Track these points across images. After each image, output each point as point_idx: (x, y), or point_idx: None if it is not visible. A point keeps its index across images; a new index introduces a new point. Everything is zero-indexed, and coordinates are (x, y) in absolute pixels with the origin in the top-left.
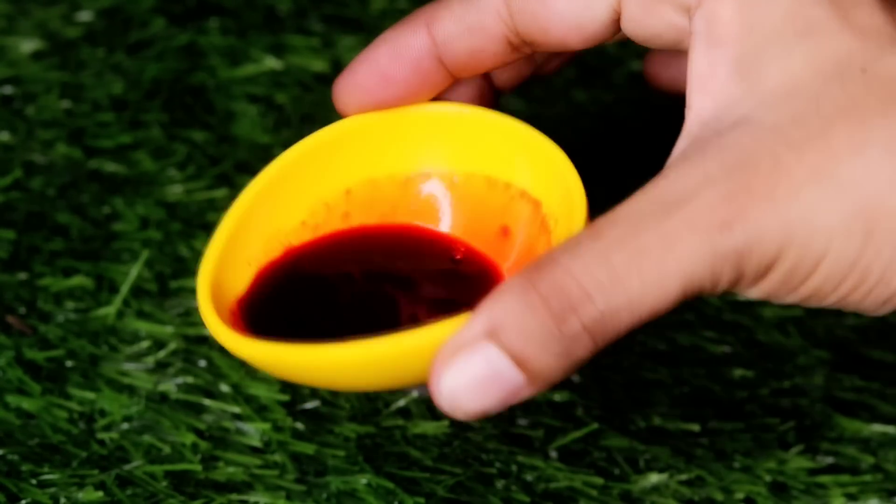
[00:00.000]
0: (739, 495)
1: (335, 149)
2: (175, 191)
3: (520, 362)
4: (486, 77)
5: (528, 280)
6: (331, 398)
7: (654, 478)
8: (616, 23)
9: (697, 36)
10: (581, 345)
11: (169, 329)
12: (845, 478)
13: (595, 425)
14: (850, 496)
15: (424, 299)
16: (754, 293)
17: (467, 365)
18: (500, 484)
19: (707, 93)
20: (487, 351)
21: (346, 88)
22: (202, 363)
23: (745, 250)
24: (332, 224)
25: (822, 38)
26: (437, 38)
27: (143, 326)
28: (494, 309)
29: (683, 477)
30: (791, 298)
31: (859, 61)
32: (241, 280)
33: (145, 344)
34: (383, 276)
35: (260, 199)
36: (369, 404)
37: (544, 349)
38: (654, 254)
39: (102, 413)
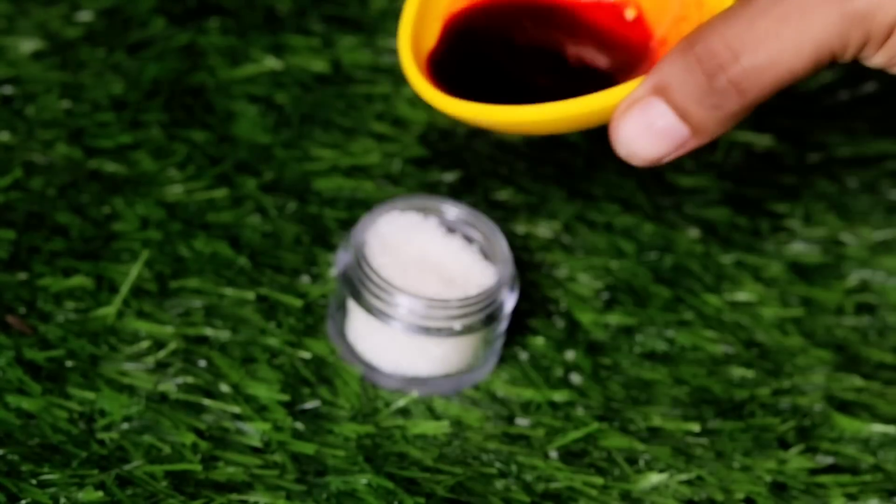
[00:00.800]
0: (739, 495)
1: None
2: (175, 191)
3: (682, 114)
4: None
5: (688, 43)
6: (331, 398)
7: (653, 478)
8: None
9: None
10: (730, 98)
11: (169, 329)
12: (845, 478)
13: (595, 425)
14: (850, 496)
15: (591, 41)
16: (879, 58)
17: (640, 116)
18: (499, 484)
19: None
20: (655, 104)
21: None
22: (202, 363)
23: (868, 13)
24: None
25: None
26: None
27: (143, 326)
28: (662, 70)
29: (683, 477)
30: None
31: None
32: (432, 34)
33: (145, 344)
34: (551, 23)
35: None
36: (369, 404)
37: (700, 102)
38: (792, 20)
39: (102, 413)
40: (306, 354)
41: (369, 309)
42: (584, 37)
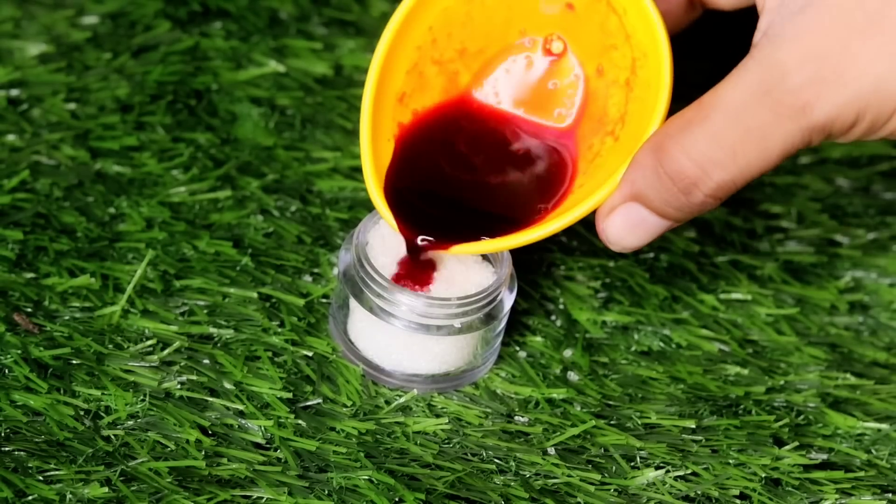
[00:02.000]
0: (734, 491)
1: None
2: (179, 192)
3: (661, 215)
4: None
5: (654, 159)
6: (332, 396)
7: (650, 474)
8: None
9: None
10: (707, 205)
11: (173, 328)
12: (839, 474)
13: (592, 422)
14: (844, 492)
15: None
16: (844, 141)
17: (623, 219)
18: (498, 480)
19: None
20: (636, 208)
21: None
22: (206, 361)
23: (828, 122)
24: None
25: None
26: None
27: (147, 325)
28: (635, 181)
29: (679, 473)
30: (877, 137)
31: None
32: (385, 156)
33: (150, 342)
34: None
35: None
36: (370, 401)
37: (678, 210)
38: (754, 138)
39: (108, 410)
40: (308, 352)
41: (370, 307)
42: (519, 101)
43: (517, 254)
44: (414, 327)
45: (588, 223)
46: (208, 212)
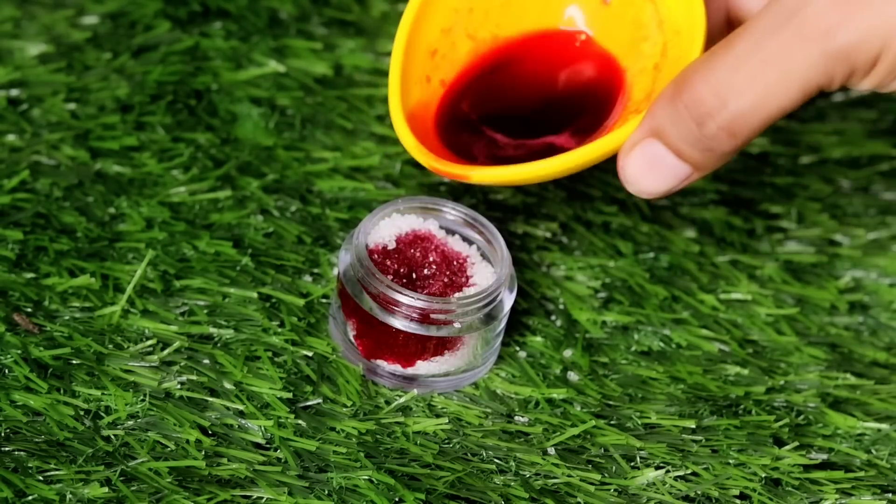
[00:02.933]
0: (734, 491)
1: None
2: (179, 192)
3: (678, 155)
4: None
5: (675, 89)
6: (332, 396)
7: (650, 474)
8: None
9: None
10: (722, 142)
11: (173, 328)
12: (839, 474)
13: (592, 423)
14: (844, 492)
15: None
16: (866, 84)
17: (642, 157)
18: (498, 480)
19: None
20: (654, 145)
21: None
22: (206, 361)
23: (851, 50)
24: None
25: None
26: None
27: (147, 325)
28: (654, 114)
29: (679, 473)
30: (890, 89)
31: None
32: (413, 96)
33: (150, 342)
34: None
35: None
36: (370, 402)
37: (693, 146)
38: (776, 63)
39: (108, 410)
40: (308, 352)
41: (370, 308)
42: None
43: (517, 254)
44: (414, 328)
45: (588, 223)
46: (208, 212)
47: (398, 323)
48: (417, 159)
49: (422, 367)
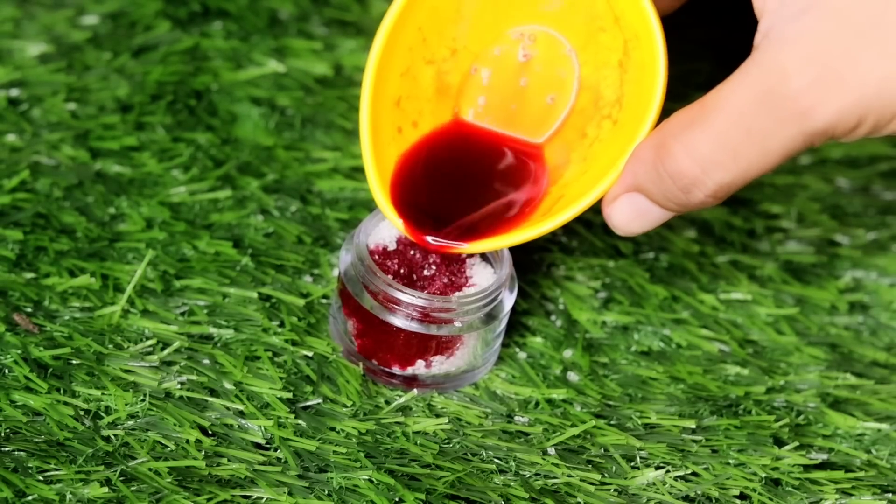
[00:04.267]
0: (734, 491)
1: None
2: (179, 192)
3: (663, 207)
4: None
5: (656, 155)
6: (332, 396)
7: (650, 474)
8: None
9: None
10: (707, 204)
11: (173, 328)
12: (839, 474)
13: (592, 422)
14: (844, 492)
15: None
16: (846, 141)
17: (627, 207)
18: (499, 480)
19: None
20: (638, 198)
21: None
22: (205, 361)
23: (829, 127)
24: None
25: None
26: None
27: (147, 325)
28: (636, 174)
29: (679, 473)
30: (879, 136)
31: None
32: (387, 160)
33: (150, 342)
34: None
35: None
36: (370, 402)
37: (678, 205)
38: (756, 138)
39: (108, 410)
40: (308, 353)
41: (371, 307)
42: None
43: (517, 254)
44: (414, 328)
45: (588, 223)
46: (208, 212)
47: (399, 322)
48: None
49: (422, 368)
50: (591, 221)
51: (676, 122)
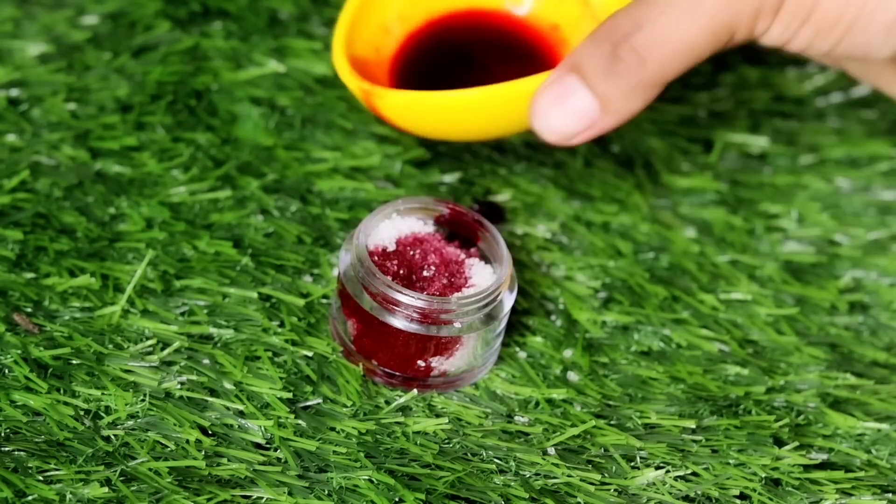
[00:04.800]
0: (734, 491)
1: None
2: (179, 192)
3: (591, 86)
4: None
5: (598, 25)
6: (332, 396)
7: (650, 474)
8: None
9: None
10: (633, 66)
11: (173, 328)
12: (839, 474)
13: (592, 422)
14: (844, 492)
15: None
16: (774, 32)
17: (554, 91)
18: (498, 480)
19: None
20: (568, 79)
21: None
22: (205, 361)
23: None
24: None
25: None
26: None
27: (147, 325)
28: (575, 51)
29: (679, 473)
30: (798, 43)
31: None
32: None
33: (150, 342)
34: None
35: None
36: (370, 402)
37: (607, 72)
38: (686, 3)
39: (108, 410)
40: (308, 352)
41: (371, 308)
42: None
43: (517, 254)
44: (414, 328)
45: (588, 223)
46: (208, 212)
47: (398, 323)
48: (338, 68)
49: (422, 369)
50: (591, 221)
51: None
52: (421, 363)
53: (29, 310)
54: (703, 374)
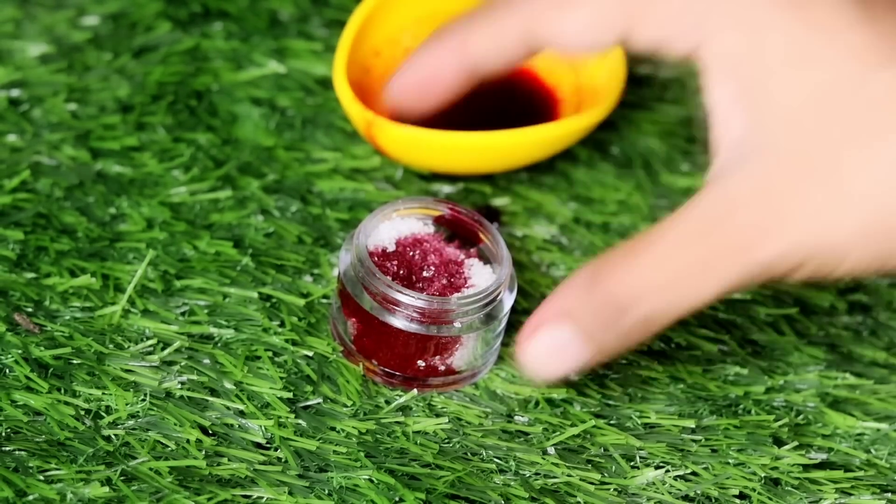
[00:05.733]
0: (734, 491)
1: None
2: (179, 192)
3: (587, 338)
4: None
5: (594, 278)
6: (332, 395)
7: (650, 474)
8: (622, 43)
9: (710, 70)
10: (636, 333)
11: (174, 328)
12: (838, 474)
13: (592, 422)
14: (843, 492)
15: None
16: (788, 282)
17: (548, 339)
18: (498, 479)
19: (728, 122)
20: (562, 328)
21: (392, 93)
22: (206, 361)
23: (770, 265)
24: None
25: (819, 63)
26: (471, 59)
27: (148, 325)
28: (567, 297)
29: (679, 473)
30: (825, 281)
31: (854, 82)
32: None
33: (150, 342)
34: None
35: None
36: (370, 401)
37: (605, 331)
38: (696, 268)
39: (108, 410)
40: (308, 352)
41: (371, 308)
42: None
43: (517, 254)
44: (414, 328)
45: (588, 223)
46: (209, 212)
47: (398, 322)
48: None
49: (422, 368)
50: (591, 221)
51: (616, 251)
52: (421, 363)
53: (30, 310)
54: (702, 374)
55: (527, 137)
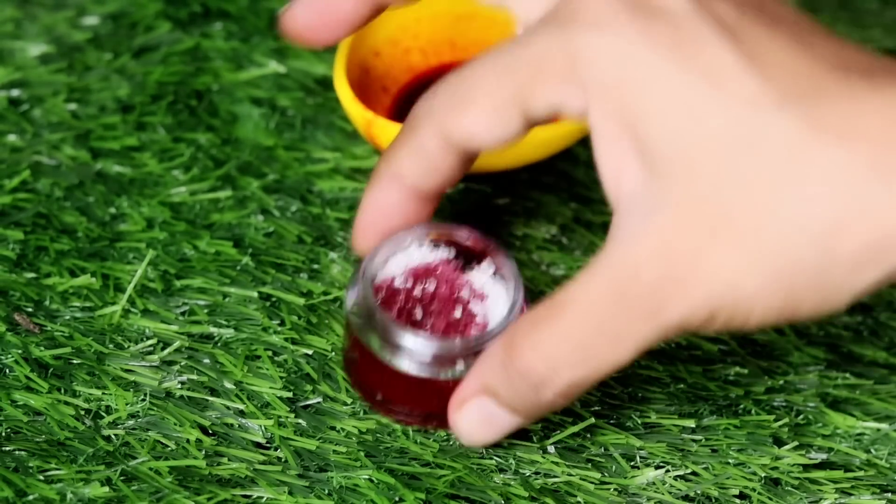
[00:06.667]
0: (734, 491)
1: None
2: (180, 192)
3: (512, 410)
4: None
5: (505, 354)
6: (333, 395)
7: (650, 473)
8: (529, 127)
9: (597, 129)
10: (560, 400)
11: (174, 327)
12: (838, 474)
13: (592, 421)
14: (843, 492)
15: None
16: (704, 334)
17: (475, 413)
18: (498, 478)
19: (620, 178)
20: (487, 403)
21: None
22: (206, 361)
23: (681, 323)
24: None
25: (710, 113)
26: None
27: (148, 325)
28: (484, 374)
29: (679, 472)
30: (739, 331)
31: (747, 130)
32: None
33: (150, 342)
34: None
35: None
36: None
37: (528, 406)
38: (607, 336)
39: (108, 410)
40: (308, 351)
41: (378, 348)
42: None
43: (517, 254)
44: (420, 369)
45: (588, 223)
46: (209, 212)
47: (405, 365)
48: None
49: (434, 407)
50: (591, 221)
51: (526, 320)
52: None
53: (30, 309)
54: (703, 374)
55: (527, 137)
